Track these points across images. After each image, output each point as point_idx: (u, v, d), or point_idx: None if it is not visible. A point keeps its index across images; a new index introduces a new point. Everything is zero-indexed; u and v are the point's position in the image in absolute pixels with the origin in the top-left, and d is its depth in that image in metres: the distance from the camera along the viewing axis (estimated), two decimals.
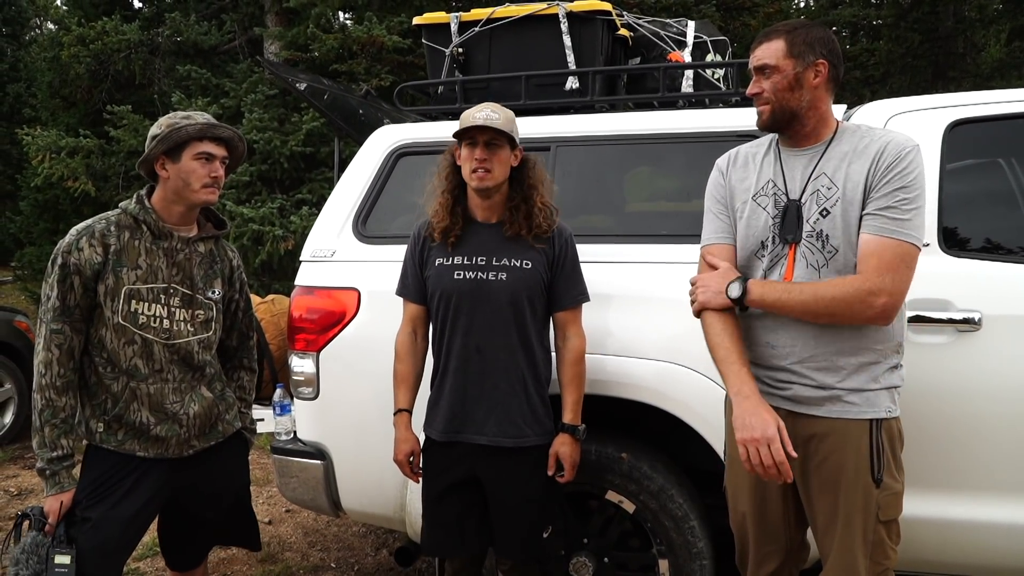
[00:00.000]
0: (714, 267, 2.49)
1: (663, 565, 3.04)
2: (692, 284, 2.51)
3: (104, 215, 2.67)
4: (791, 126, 2.41)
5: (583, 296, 2.83)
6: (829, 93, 2.39)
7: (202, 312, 2.73)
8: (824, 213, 2.32)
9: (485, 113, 2.70)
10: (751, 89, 2.41)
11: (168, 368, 2.66)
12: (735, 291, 2.37)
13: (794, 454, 2.26)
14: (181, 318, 2.68)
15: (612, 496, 3.06)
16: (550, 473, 2.78)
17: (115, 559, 2.65)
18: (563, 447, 2.78)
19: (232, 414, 2.89)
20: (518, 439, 2.74)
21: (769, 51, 2.36)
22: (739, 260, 2.53)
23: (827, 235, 2.31)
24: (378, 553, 4.52)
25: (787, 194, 2.41)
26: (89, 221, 2.65)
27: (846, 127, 2.41)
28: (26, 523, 2.61)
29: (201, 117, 2.66)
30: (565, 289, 2.79)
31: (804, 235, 2.35)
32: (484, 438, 2.75)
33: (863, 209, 2.27)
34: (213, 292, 2.77)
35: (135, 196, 2.69)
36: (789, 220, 2.39)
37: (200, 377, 2.75)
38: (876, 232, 2.23)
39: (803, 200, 2.37)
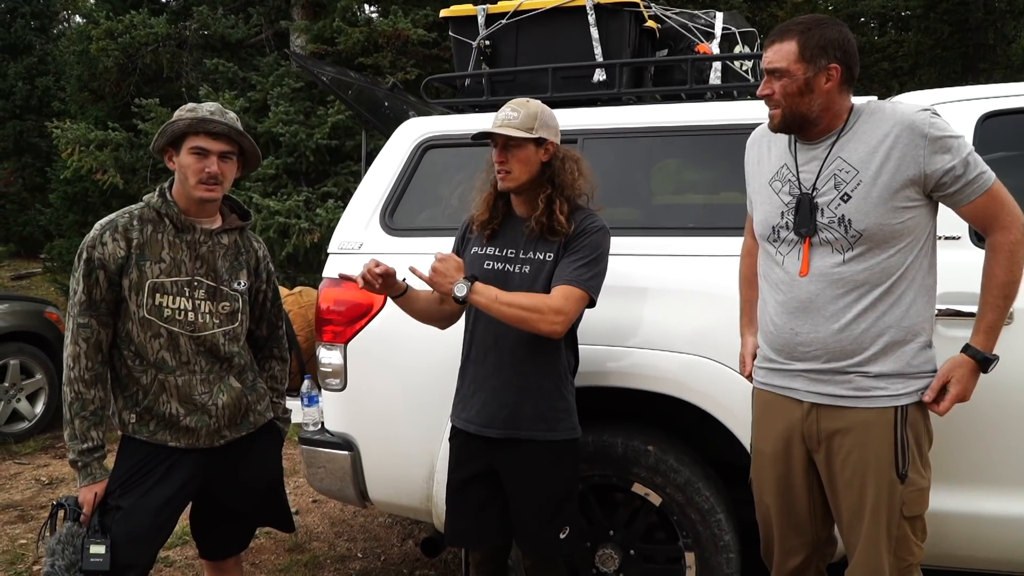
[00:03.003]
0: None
1: (689, 558, 3.03)
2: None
3: (128, 209, 2.70)
4: (803, 128, 2.40)
5: (572, 279, 2.62)
6: (843, 94, 2.37)
7: (227, 304, 2.75)
8: (845, 198, 2.32)
9: (504, 114, 2.70)
10: (762, 90, 2.40)
11: (195, 360, 2.69)
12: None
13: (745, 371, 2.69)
14: (206, 310, 2.70)
15: (638, 488, 3.06)
16: None
17: (147, 546, 2.68)
18: None
19: (264, 404, 2.91)
20: (532, 433, 2.72)
21: (780, 53, 2.34)
22: (759, 243, 2.56)
23: (849, 220, 2.31)
24: (404, 543, 4.55)
25: (800, 184, 2.41)
26: (113, 215, 2.67)
27: (859, 110, 2.39)
28: (61, 513, 2.64)
29: (204, 110, 2.63)
30: (558, 270, 2.68)
31: (825, 223, 2.35)
32: (495, 431, 2.73)
33: (935, 191, 2.30)
34: (239, 284, 2.79)
35: (158, 189, 2.72)
36: (803, 213, 2.39)
37: (228, 368, 2.77)
38: (975, 195, 2.28)
39: (818, 189, 2.37)
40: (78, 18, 20.88)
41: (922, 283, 2.35)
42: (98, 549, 2.56)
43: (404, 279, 2.77)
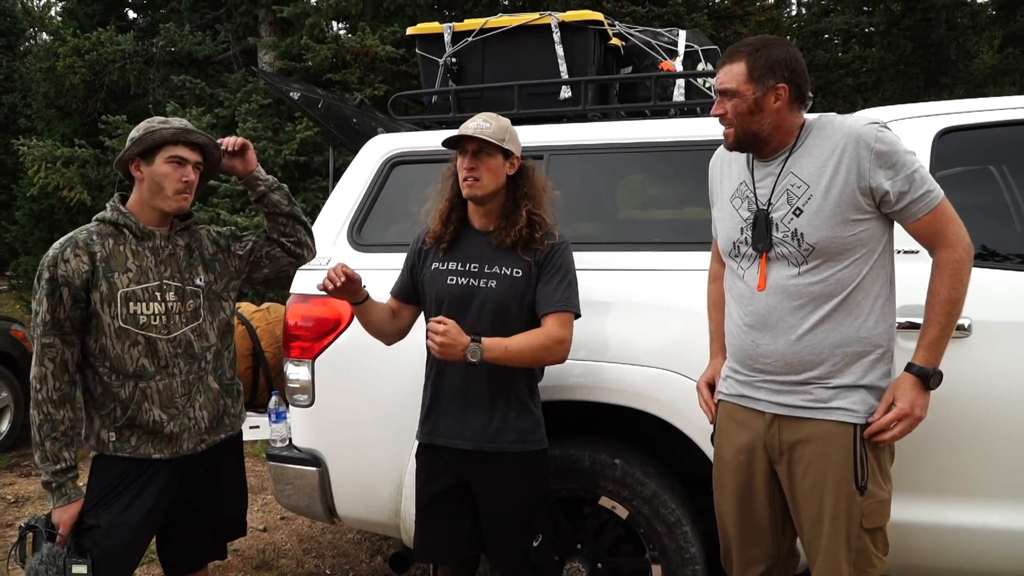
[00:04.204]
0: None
1: (656, 570, 3.05)
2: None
3: (83, 227, 2.70)
4: (756, 146, 2.45)
5: (563, 304, 2.71)
6: (794, 112, 2.41)
7: (192, 301, 2.77)
8: (797, 212, 2.36)
9: (476, 123, 2.73)
10: (715, 110, 2.46)
11: (174, 363, 2.70)
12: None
13: (709, 406, 2.69)
14: (176, 311, 2.72)
15: (605, 502, 3.08)
16: None
17: (128, 563, 2.68)
18: None
19: (238, 408, 2.93)
20: (502, 445, 2.74)
21: (731, 74, 2.39)
22: (723, 258, 2.60)
23: (802, 234, 2.35)
24: (373, 560, 4.53)
25: (757, 201, 2.46)
26: (70, 234, 2.68)
27: (810, 125, 2.43)
28: (30, 535, 2.62)
29: (178, 122, 2.70)
30: (543, 295, 2.73)
31: (780, 237, 2.39)
32: (467, 443, 2.75)
33: (881, 206, 2.33)
34: (199, 280, 2.80)
35: (108, 206, 2.74)
36: (759, 229, 2.44)
37: (205, 368, 2.78)
38: (921, 213, 2.32)
39: (772, 204, 2.42)
40: (45, 35, 20.72)
41: (879, 295, 2.39)
42: (80, 569, 2.55)
43: (365, 286, 2.80)
